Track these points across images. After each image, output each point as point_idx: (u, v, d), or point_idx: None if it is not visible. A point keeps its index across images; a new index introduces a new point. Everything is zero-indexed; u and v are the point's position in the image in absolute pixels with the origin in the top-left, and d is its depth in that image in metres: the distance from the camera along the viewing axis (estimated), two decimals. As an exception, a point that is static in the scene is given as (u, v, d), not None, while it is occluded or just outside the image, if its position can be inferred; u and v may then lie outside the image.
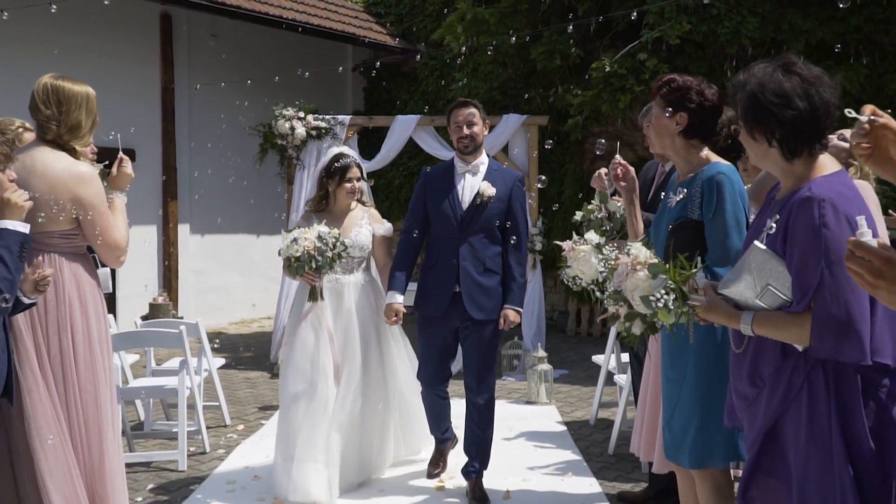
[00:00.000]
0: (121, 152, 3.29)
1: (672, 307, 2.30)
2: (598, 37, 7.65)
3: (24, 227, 2.72)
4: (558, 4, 7.80)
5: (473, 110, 4.29)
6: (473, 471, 4.30)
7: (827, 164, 2.23)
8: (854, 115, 1.78)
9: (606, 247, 3.05)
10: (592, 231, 3.35)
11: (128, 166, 3.29)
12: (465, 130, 4.24)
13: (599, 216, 3.67)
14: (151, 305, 8.87)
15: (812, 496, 2.13)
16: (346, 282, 4.42)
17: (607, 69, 6.88)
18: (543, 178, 4.90)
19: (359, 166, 4.51)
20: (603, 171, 3.69)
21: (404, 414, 4.71)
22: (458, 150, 4.32)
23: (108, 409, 3.19)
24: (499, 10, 8.13)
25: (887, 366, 2.10)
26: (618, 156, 3.59)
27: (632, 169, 3.39)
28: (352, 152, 4.59)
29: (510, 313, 4.24)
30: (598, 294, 2.86)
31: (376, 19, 11.26)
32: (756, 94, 2.18)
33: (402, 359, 4.63)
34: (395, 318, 4.31)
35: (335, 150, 4.63)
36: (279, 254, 4.18)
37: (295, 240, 4.11)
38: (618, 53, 7.18)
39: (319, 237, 4.11)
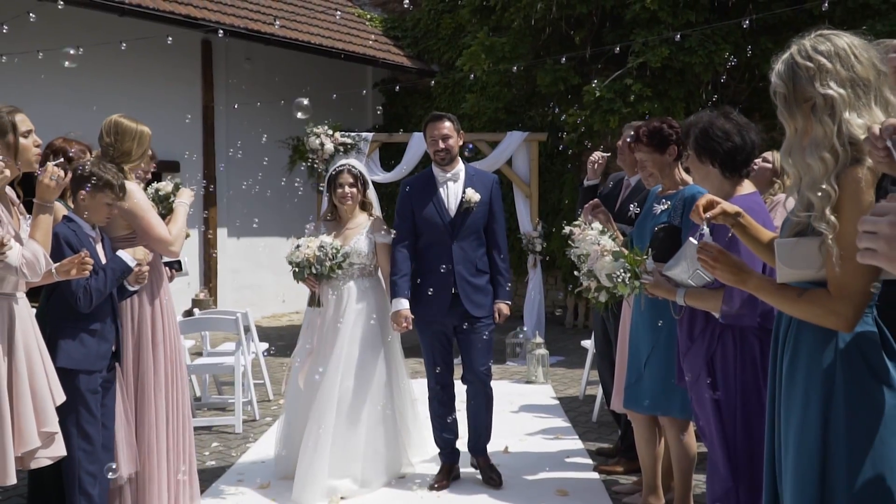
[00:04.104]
0: (198, 180, 4.27)
1: (628, 283, 3.23)
2: (592, 61, 8.57)
3: (132, 262, 3.58)
4: (557, 34, 8.74)
5: (448, 124, 4.38)
6: (481, 446, 4.54)
7: (746, 186, 3.19)
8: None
9: (608, 233, 3.94)
10: (597, 222, 4.20)
11: (193, 187, 4.25)
12: (441, 144, 4.37)
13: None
14: (194, 300, 9.87)
15: (726, 419, 3.07)
16: (348, 287, 4.46)
17: (598, 94, 7.81)
18: None
19: (354, 175, 4.53)
20: (597, 155, 4.94)
21: (414, 415, 4.83)
22: (434, 161, 4.46)
23: (152, 380, 3.82)
24: (510, 38, 9.08)
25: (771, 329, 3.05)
26: (597, 152, 4.94)
27: (604, 161, 4.89)
28: (357, 163, 4.68)
29: (503, 307, 4.46)
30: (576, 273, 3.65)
31: (394, 42, 12.11)
32: (707, 130, 3.11)
33: (399, 364, 4.70)
34: (405, 325, 4.33)
35: (340, 162, 4.73)
36: (286, 259, 4.41)
37: (298, 247, 4.34)
38: (609, 76, 8.10)
39: (321, 247, 4.30)
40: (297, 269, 4.34)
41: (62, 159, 3.39)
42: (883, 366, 2.08)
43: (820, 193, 2.02)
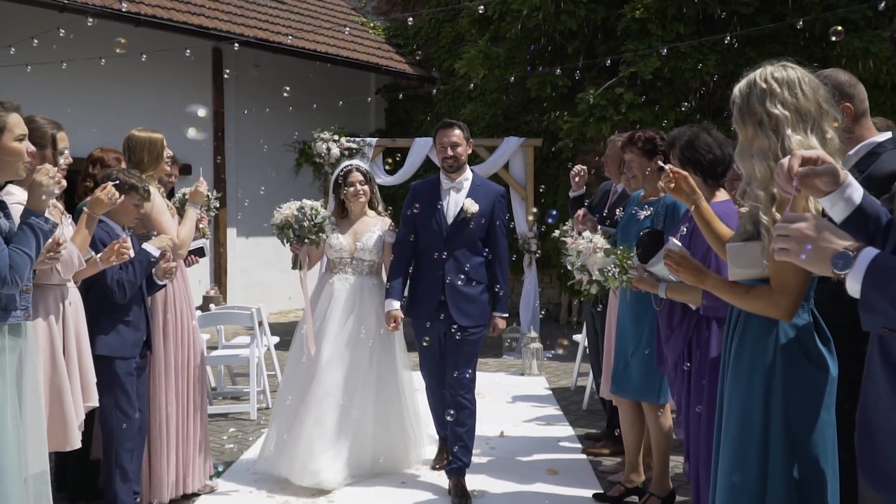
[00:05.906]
0: (201, 177, 4.48)
1: (617, 277, 3.58)
2: (585, 70, 8.97)
3: (155, 252, 3.98)
4: (551, 43, 9.14)
5: (458, 132, 4.40)
6: (458, 467, 4.35)
7: (721, 194, 3.56)
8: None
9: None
10: (587, 230, 4.57)
11: (202, 187, 4.48)
12: (450, 152, 4.37)
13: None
14: (205, 297, 10.25)
15: (696, 403, 3.44)
16: (355, 283, 4.59)
17: (591, 101, 8.21)
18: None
19: (363, 173, 4.67)
20: (577, 168, 5.33)
21: (416, 405, 4.88)
22: (442, 168, 4.46)
23: (162, 364, 4.12)
24: (506, 47, 9.48)
25: None
26: (578, 166, 5.27)
27: (585, 173, 5.14)
28: (362, 164, 4.85)
29: (499, 322, 4.48)
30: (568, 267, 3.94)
31: (396, 49, 12.52)
32: (692, 142, 3.47)
33: (402, 357, 4.76)
34: (394, 325, 4.43)
35: (345, 163, 4.89)
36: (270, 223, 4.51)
37: (279, 208, 4.46)
38: (602, 85, 8.50)
39: (300, 208, 4.37)
40: (278, 231, 4.44)
41: (118, 181, 3.79)
42: (818, 351, 2.45)
43: (766, 194, 2.39)
